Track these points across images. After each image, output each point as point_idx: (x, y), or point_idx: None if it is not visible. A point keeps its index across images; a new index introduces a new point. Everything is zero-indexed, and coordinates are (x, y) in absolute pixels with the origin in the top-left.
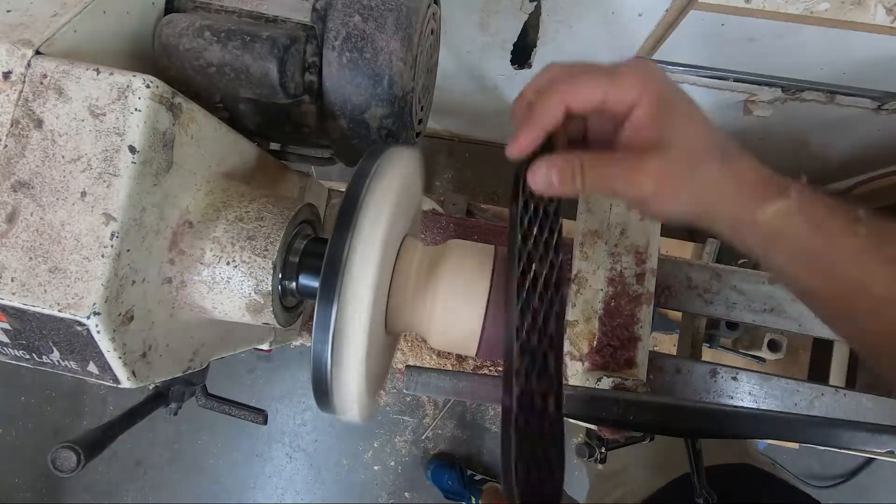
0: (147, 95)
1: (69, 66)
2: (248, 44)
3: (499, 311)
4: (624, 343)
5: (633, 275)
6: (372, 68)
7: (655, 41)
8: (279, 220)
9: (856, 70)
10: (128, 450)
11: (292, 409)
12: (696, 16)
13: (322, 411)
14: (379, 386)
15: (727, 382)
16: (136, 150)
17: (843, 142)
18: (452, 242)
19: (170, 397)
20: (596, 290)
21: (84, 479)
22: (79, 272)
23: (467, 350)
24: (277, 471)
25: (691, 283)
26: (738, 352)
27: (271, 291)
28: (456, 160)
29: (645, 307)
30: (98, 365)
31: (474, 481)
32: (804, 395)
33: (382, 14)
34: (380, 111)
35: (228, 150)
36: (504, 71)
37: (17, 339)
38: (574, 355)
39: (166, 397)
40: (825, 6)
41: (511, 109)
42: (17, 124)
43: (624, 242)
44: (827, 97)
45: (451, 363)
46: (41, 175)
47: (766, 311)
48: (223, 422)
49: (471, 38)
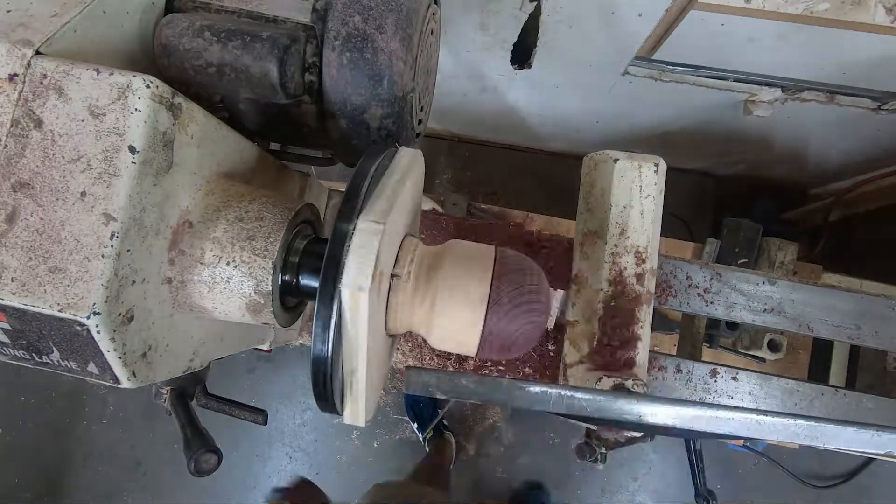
0: (147, 95)
1: (69, 66)
2: (249, 44)
3: (499, 311)
4: (624, 343)
5: (634, 275)
6: (372, 68)
7: (655, 41)
8: (279, 220)
9: (856, 70)
10: (128, 450)
11: (292, 409)
12: (696, 16)
13: (322, 411)
14: (379, 386)
15: (727, 382)
16: (136, 150)
17: (843, 142)
18: (452, 242)
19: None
20: (596, 290)
21: (84, 480)
22: (79, 272)
23: (467, 350)
24: (277, 471)
25: (691, 283)
26: (738, 352)
27: (271, 291)
28: (456, 160)
29: (645, 307)
30: (98, 365)
31: (442, 425)
32: (804, 395)
33: (382, 14)
34: (380, 111)
35: (228, 150)
36: (504, 71)
37: (17, 339)
38: (574, 355)
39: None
40: (825, 6)
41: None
42: (17, 124)
43: (624, 242)
44: (827, 97)
45: (451, 364)
46: (41, 175)
47: (766, 311)
48: (223, 422)
49: (471, 39)
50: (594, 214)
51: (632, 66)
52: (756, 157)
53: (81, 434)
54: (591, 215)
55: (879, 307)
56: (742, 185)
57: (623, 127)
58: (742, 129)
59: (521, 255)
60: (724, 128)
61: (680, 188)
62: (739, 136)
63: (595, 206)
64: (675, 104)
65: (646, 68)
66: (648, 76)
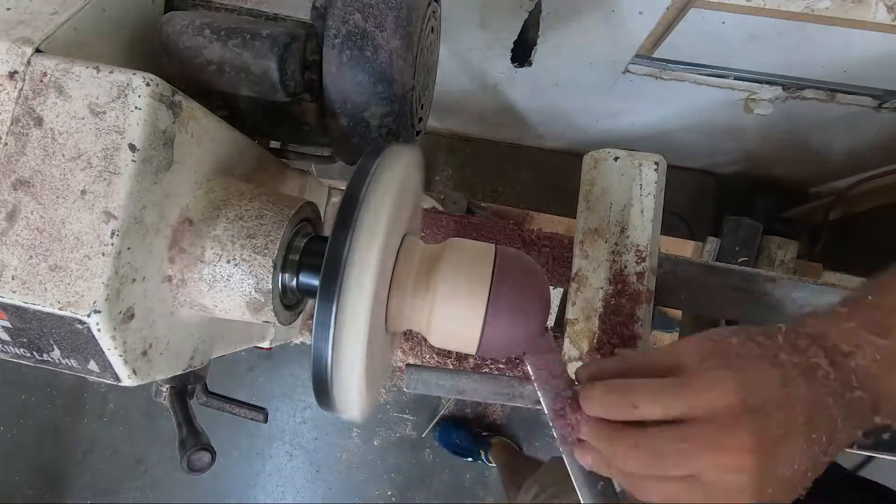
0: (147, 93)
1: (69, 65)
2: (248, 42)
3: (499, 309)
4: (624, 341)
5: (634, 273)
6: (372, 66)
7: (656, 39)
8: (279, 218)
9: (856, 68)
10: (129, 448)
11: (293, 407)
12: (697, 13)
13: (322, 409)
14: (379, 384)
15: None
16: (136, 148)
17: (844, 140)
18: (452, 241)
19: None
20: (596, 289)
21: (85, 477)
22: (79, 270)
23: (467, 348)
24: (278, 469)
25: (691, 282)
26: None
27: (271, 290)
28: (456, 158)
29: (645, 305)
30: (99, 363)
31: (482, 437)
32: None
33: (383, 12)
34: (380, 109)
35: (228, 148)
36: (504, 69)
37: (17, 337)
38: (574, 354)
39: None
40: (826, 4)
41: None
42: (18, 122)
43: (624, 241)
44: (827, 95)
45: (451, 362)
46: (41, 173)
47: (765, 310)
48: (223, 420)
49: (471, 36)
50: (594, 212)
51: (632, 64)
52: (756, 156)
53: (82, 432)
54: (591, 213)
55: None
56: (742, 183)
57: (623, 125)
58: (742, 128)
59: (522, 253)
60: (724, 126)
61: (680, 186)
62: (740, 135)
63: (595, 205)
64: (675, 102)
65: (646, 66)
66: (649, 74)
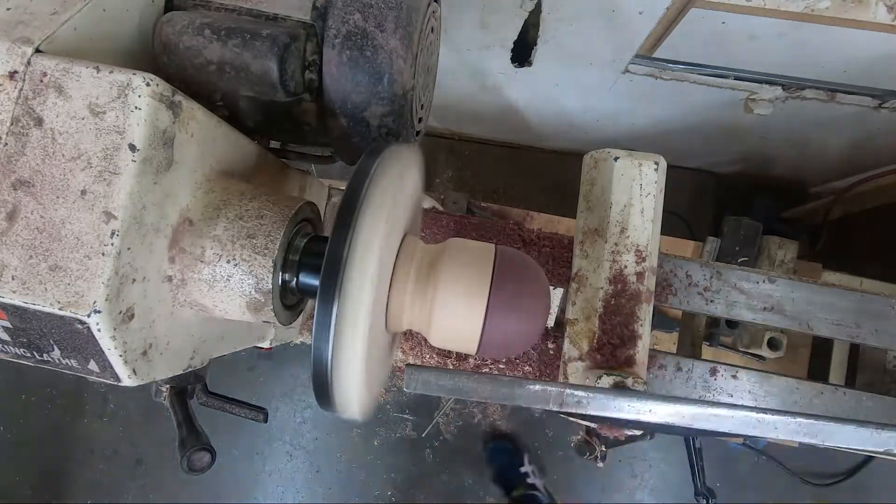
0: (147, 94)
1: (69, 65)
2: (248, 42)
3: (499, 310)
4: (624, 341)
5: (634, 273)
6: (372, 66)
7: (656, 39)
8: (279, 218)
9: (856, 68)
10: (129, 448)
11: (293, 407)
12: (697, 13)
13: (322, 409)
14: (380, 384)
15: (727, 381)
16: (136, 148)
17: (844, 140)
18: (452, 241)
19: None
20: (596, 289)
21: (85, 478)
22: (79, 270)
23: (467, 348)
24: (278, 469)
25: (691, 282)
26: (738, 350)
27: (272, 290)
28: (456, 158)
29: (645, 305)
30: (99, 363)
31: (523, 476)
32: (804, 393)
33: (383, 12)
34: (380, 109)
35: (228, 148)
36: (504, 69)
37: (17, 337)
38: (574, 354)
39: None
40: (826, 4)
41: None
42: (18, 122)
43: (624, 241)
44: (827, 95)
45: (451, 362)
46: (41, 173)
47: (766, 310)
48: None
49: (471, 37)
50: (594, 213)
51: (632, 64)
52: (756, 156)
53: (82, 432)
54: (592, 213)
55: (879, 306)
56: (742, 183)
57: (623, 125)
58: (742, 128)
59: (522, 253)
60: (724, 126)
61: (680, 186)
62: (740, 135)
63: (595, 205)
64: (675, 102)
65: (646, 66)
66: (649, 74)
